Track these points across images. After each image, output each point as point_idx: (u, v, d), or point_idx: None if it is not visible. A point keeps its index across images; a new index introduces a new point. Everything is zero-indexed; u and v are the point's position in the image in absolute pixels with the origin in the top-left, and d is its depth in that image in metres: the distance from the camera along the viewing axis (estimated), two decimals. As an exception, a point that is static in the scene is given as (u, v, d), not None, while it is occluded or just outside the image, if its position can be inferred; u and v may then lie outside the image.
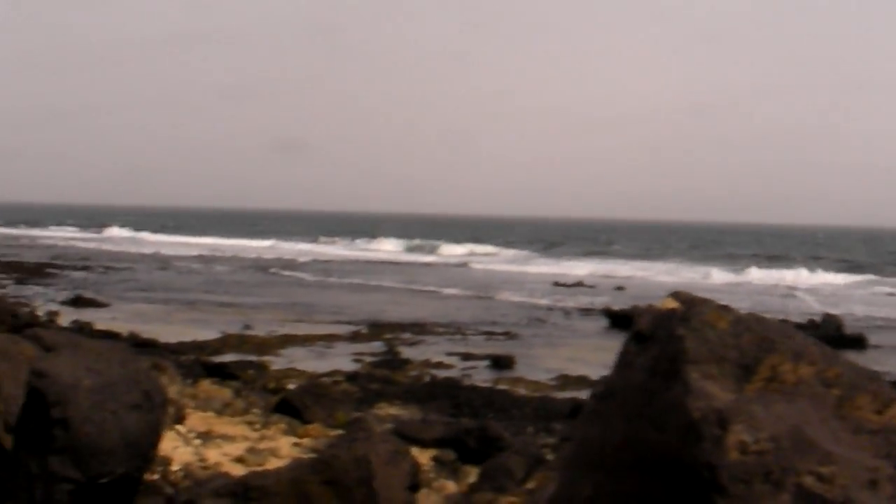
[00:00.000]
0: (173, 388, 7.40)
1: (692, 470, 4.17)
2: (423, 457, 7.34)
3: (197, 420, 7.60)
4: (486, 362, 21.34)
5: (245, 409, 9.08)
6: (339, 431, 8.73)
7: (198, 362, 19.32)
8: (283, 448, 7.31)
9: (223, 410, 8.70)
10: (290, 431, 8.29)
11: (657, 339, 4.55)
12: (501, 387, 18.58)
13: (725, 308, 4.58)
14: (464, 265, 61.73)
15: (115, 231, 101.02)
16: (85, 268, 45.84)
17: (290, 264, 56.27)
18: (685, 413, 4.25)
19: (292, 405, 9.65)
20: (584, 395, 17.81)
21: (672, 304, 4.59)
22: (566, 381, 19.64)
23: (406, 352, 22.41)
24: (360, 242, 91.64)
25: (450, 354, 22.37)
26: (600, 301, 36.60)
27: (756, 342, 4.47)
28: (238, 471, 6.43)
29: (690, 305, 4.62)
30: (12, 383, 5.59)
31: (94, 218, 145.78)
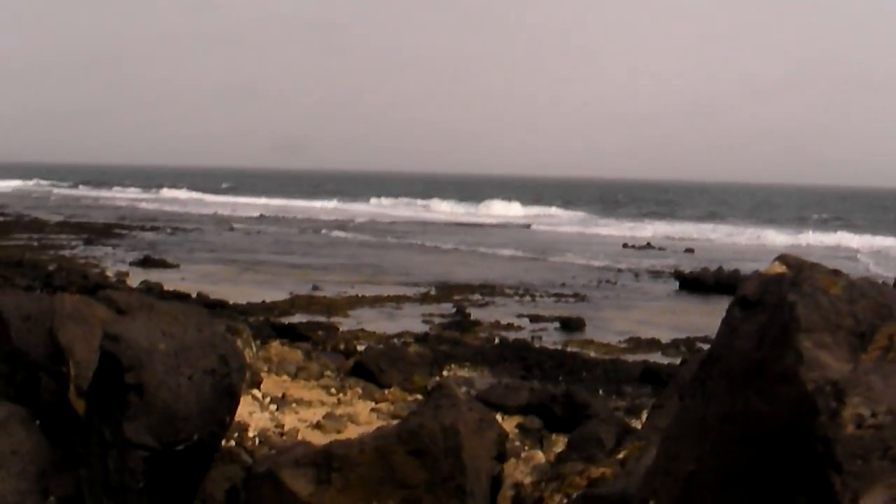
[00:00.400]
0: (248, 352, 7.21)
1: (805, 445, 3.87)
2: (508, 424, 7.09)
3: (272, 384, 7.40)
4: (555, 324, 21.17)
5: (320, 373, 8.86)
6: (417, 396, 8.51)
7: (267, 323, 19.33)
8: (362, 414, 7.08)
9: (298, 374, 8.50)
10: (366, 396, 8.07)
11: (765, 305, 4.22)
12: (571, 349, 18.39)
13: (837, 273, 4.25)
14: (527, 227, 61.25)
15: (173, 192, 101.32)
16: (153, 228, 46.07)
17: (354, 226, 56.11)
18: (798, 384, 3.93)
19: (367, 368, 9.45)
20: (654, 357, 17.69)
21: (779, 268, 4.28)
22: (636, 343, 19.43)
23: (475, 313, 22.23)
24: (418, 203, 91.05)
25: (519, 316, 22.17)
26: (668, 263, 36.13)
27: (872, 309, 4.12)
28: (316, 437, 6.22)
29: (799, 270, 4.27)
30: (85, 347, 5.41)
31: (154, 178, 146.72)
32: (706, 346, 18.67)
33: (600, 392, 14.12)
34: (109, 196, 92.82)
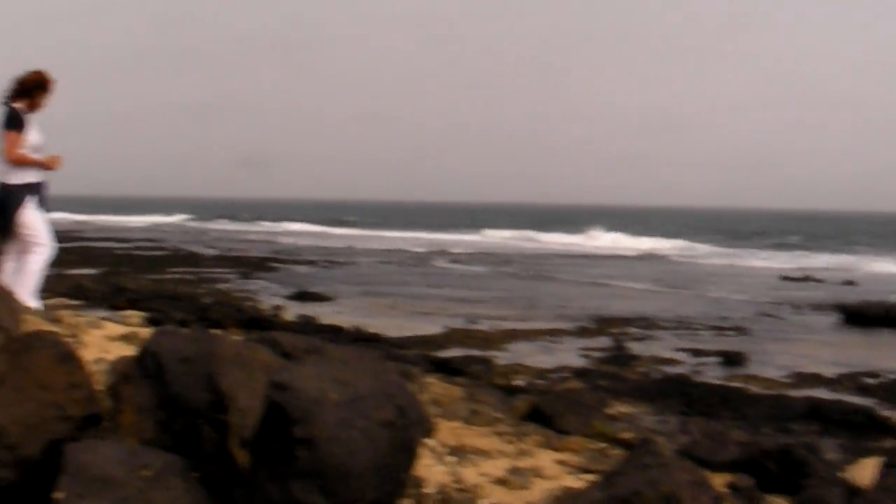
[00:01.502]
0: (423, 397, 6.66)
1: None
2: (717, 482, 6.37)
3: (446, 431, 6.80)
4: (716, 358, 20.33)
5: (494, 418, 8.24)
6: (601, 445, 7.85)
7: (423, 357, 19.03)
8: (547, 467, 6.43)
9: (471, 419, 7.90)
10: (546, 444, 7.43)
11: None
12: (734, 384, 17.60)
13: None
14: (663, 258, 59.86)
15: (295, 225, 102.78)
16: (308, 262, 46.30)
17: (492, 258, 55.58)
18: None
19: (543, 413, 8.82)
20: (820, 393, 16.76)
21: None
22: (800, 379, 18.50)
23: (633, 347, 21.60)
24: (527, 234, 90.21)
25: (678, 350, 21.43)
26: (828, 295, 34.71)
27: None
28: (500, 495, 5.60)
29: None
30: (247, 393, 4.92)
31: (284, 213, 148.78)
32: (873, 382, 17.78)
33: (765, 429, 13.60)
34: (255, 230, 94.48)
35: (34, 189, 9.36)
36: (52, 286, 28.07)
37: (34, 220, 9.33)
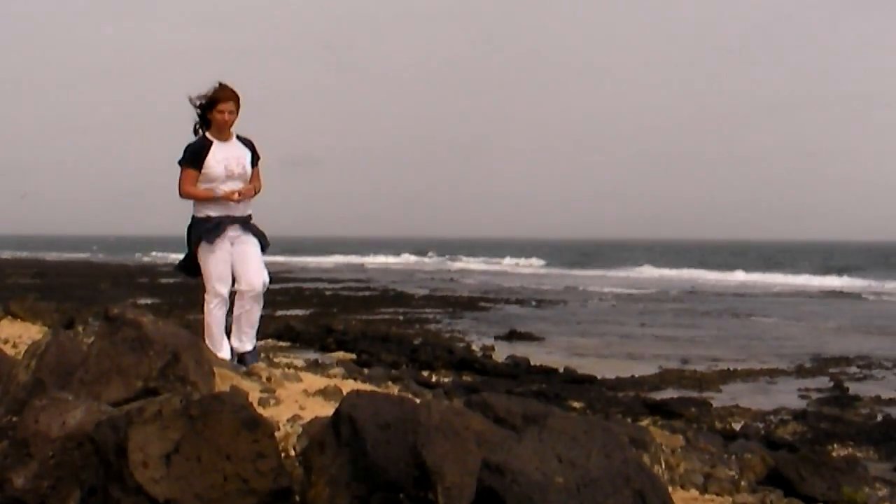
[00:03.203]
0: (657, 468, 5.81)
1: None
2: None
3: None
4: (944, 401, 18.97)
5: (731, 484, 7.28)
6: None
7: (637, 399, 18.50)
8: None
9: (707, 485, 6.98)
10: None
11: None
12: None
13: None
14: (857, 296, 56.37)
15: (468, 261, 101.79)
16: (518, 301, 45.69)
17: (705, 297, 53.75)
18: None
19: (783, 475, 7.84)
20: None
21: None
22: None
23: (854, 387, 20.42)
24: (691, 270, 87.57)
25: (901, 391, 20.15)
26: None
27: None
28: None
29: None
30: (456, 468, 4.21)
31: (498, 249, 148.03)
32: None
33: None
34: (469, 269, 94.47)
35: (215, 224, 8.64)
36: (262, 327, 28.40)
37: (206, 260, 8.69)
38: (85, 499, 4.89)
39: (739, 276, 79.07)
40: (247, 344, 8.84)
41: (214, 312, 8.64)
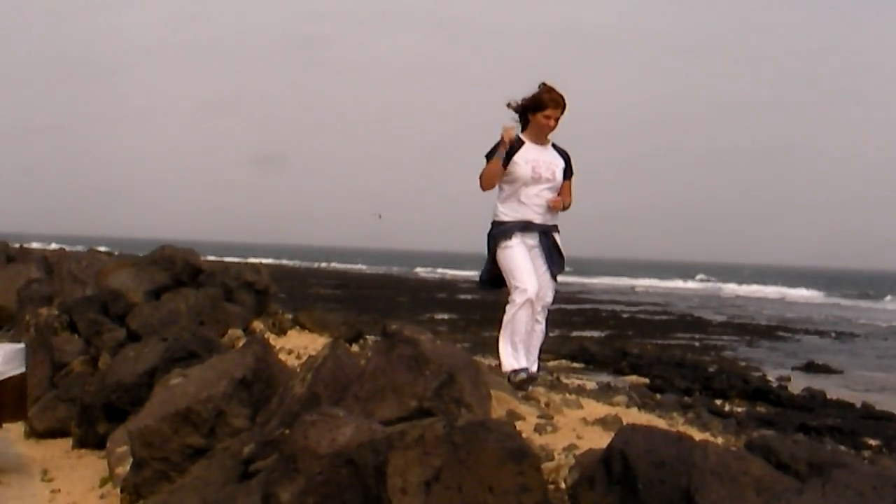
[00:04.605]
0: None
1: None
2: None
3: None
4: None
5: None
6: None
7: None
8: None
9: None
10: None
11: None
12: None
13: None
14: None
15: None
16: (817, 332, 43.75)
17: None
18: None
19: None
20: None
21: None
22: None
23: None
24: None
25: None
26: None
27: None
28: None
29: None
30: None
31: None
32: None
33: None
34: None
35: (514, 228, 8.11)
36: (557, 348, 28.43)
37: (506, 257, 8.09)
38: (348, 520, 4.79)
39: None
40: (532, 366, 8.47)
41: (519, 315, 7.93)
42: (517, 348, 8.10)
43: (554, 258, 8.32)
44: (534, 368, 8.42)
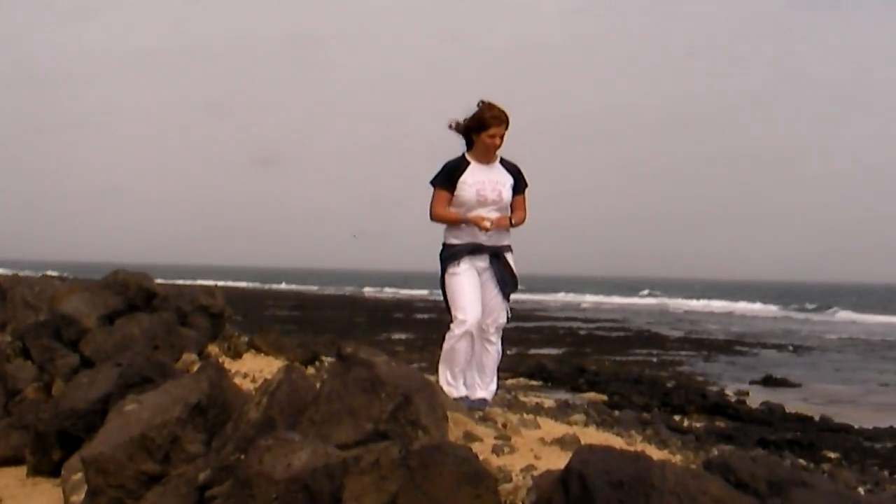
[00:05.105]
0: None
1: None
2: None
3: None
4: None
5: None
6: None
7: None
8: None
9: None
10: None
11: None
12: None
13: None
14: None
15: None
16: (774, 346, 44.02)
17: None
18: None
19: None
20: None
21: None
22: None
23: None
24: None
25: None
26: None
27: None
28: None
29: None
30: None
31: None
32: None
33: None
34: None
35: (463, 252, 8.11)
36: (514, 366, 28.43)
37: (450, 286, 8.08)
38: (306, 545, 4.74)
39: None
40: (487, 388, 8.45)
41: (458, 346, 7.99)
42: (457, 377, 8.13)
43: (506, 279, 8.28)
44: (493, 387, 8.45)
